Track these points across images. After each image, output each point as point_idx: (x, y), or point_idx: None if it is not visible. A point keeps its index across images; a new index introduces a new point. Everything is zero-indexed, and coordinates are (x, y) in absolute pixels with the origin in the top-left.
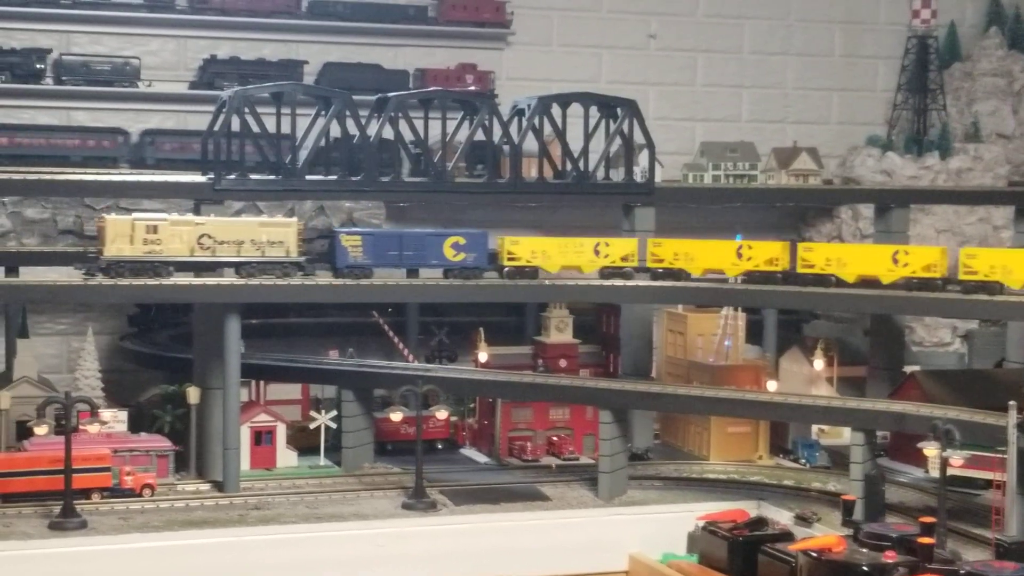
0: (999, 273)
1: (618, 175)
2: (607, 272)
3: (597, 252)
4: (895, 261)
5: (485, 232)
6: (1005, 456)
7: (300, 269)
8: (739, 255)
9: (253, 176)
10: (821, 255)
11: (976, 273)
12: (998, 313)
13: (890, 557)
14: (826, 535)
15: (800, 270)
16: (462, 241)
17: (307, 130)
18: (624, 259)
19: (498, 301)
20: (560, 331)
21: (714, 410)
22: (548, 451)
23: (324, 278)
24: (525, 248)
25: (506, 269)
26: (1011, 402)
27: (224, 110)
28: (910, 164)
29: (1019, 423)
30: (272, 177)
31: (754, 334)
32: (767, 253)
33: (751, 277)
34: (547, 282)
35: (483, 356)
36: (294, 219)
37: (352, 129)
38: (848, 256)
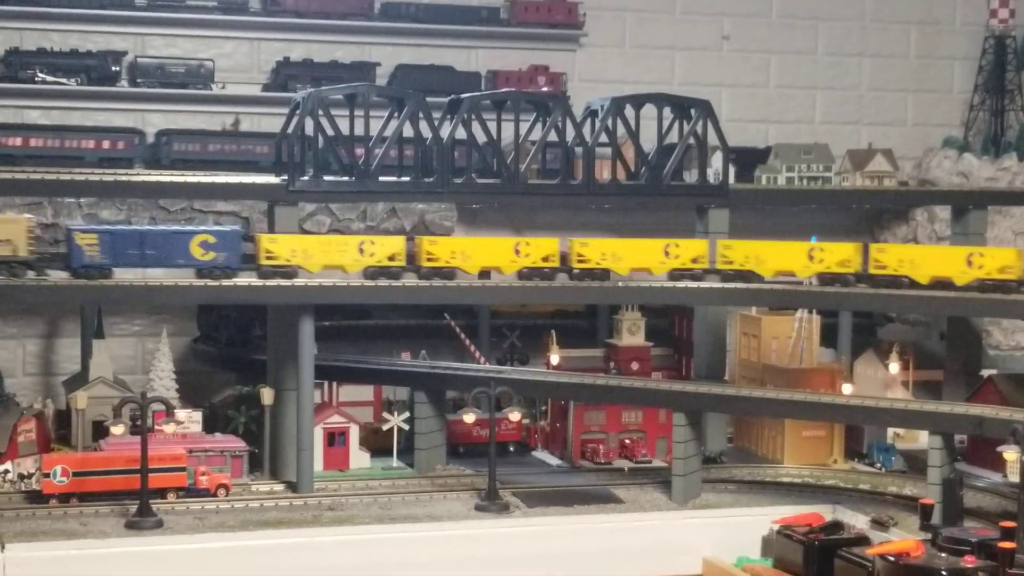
0: None
1: (692, 177)
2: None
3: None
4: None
5: (237, 229)
6: None
7: (30, 268)
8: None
9: (327, 178)
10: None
11: None
12: None
13: (969, 562)
14: (904, 539)
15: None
16: (211, 239)
17: (380, 132)
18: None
19: (566, 303)
20: (632, 334)
21: (788, 413)
22: (621, 454)
23: (400, 280)
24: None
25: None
26: None
27: (298, 112)
28: (987, 165)
29: None
30: (346, 179)
31: (828, 338)
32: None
33: (823, 279)
34: (619, 284)
35: (555, 359)
36: (24, 216)
37: (425, 131)
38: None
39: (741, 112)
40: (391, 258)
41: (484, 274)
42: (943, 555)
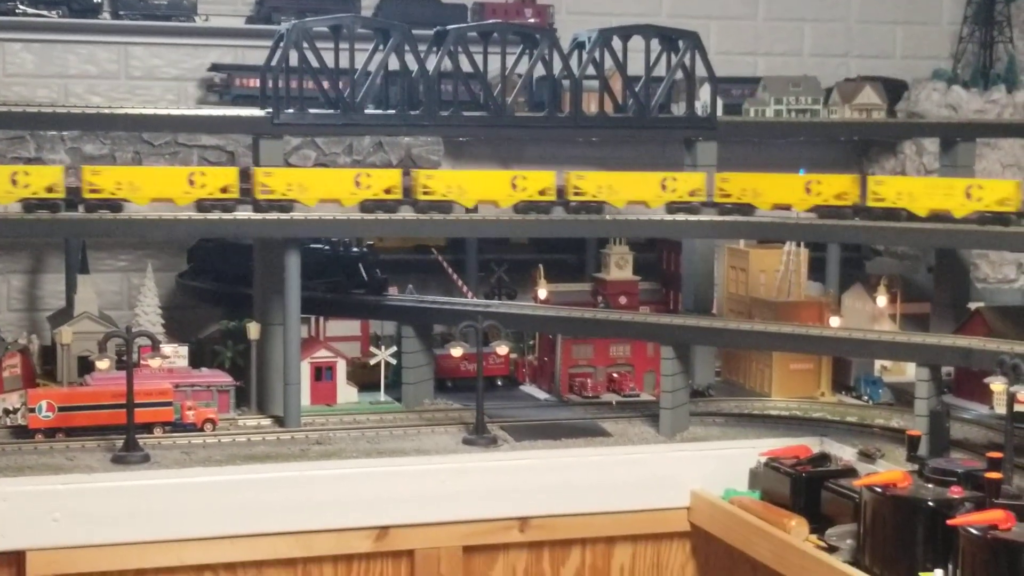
0: None
1: (680, 109)
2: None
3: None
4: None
5: None
6: None
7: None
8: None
9: (312, 111)
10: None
11: None
12: None
13: (956, 492)
14: (890, 471)
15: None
16: None
17: (365, 64)
18: (692, 194)
19: (564, 236)
20: (620, 268)
21: (776, 346)
22: (609, 388)
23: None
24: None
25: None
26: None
27: (282, 44)
28: (976, 98)
29: None
30: (331, 112)
31: (816, 271)
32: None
33: (820, 211)
34: (609, 217)
35: (542, 293)
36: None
37: (411, 63)
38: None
39: (729, 44)
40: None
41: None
42: (929, 486)
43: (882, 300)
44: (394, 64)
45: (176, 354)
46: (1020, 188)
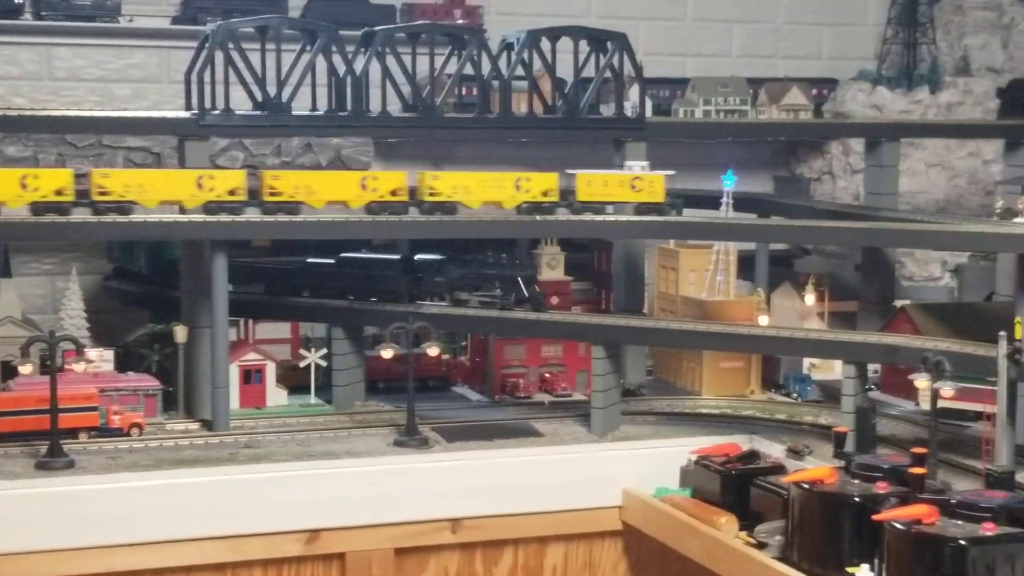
0: None
1: (609, 110)
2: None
3: (518, 187)
4: (517, 187)
5: None
6: (995, 388)
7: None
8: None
9: (239, 112)
10: (448, 183)
11: None
12: (987, 245)
13: (882, 488)
14: (818, 467)
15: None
16: None
17: (292, 65)
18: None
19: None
20: (552, 268)
21: (706, 345)
22: (541, 388)
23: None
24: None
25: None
26: (1001, 333)
27: (207, 45)
28: (900, 98)
29: (1008, 354)
30: (258, 113)
31: (746, 270)
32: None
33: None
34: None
35: None
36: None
37: (339, 64)
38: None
39: (658, 45)
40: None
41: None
42: (856, 481)
43: (810, 298)
44: (322, 65)
45: (101, 358)
46: (559, 179)
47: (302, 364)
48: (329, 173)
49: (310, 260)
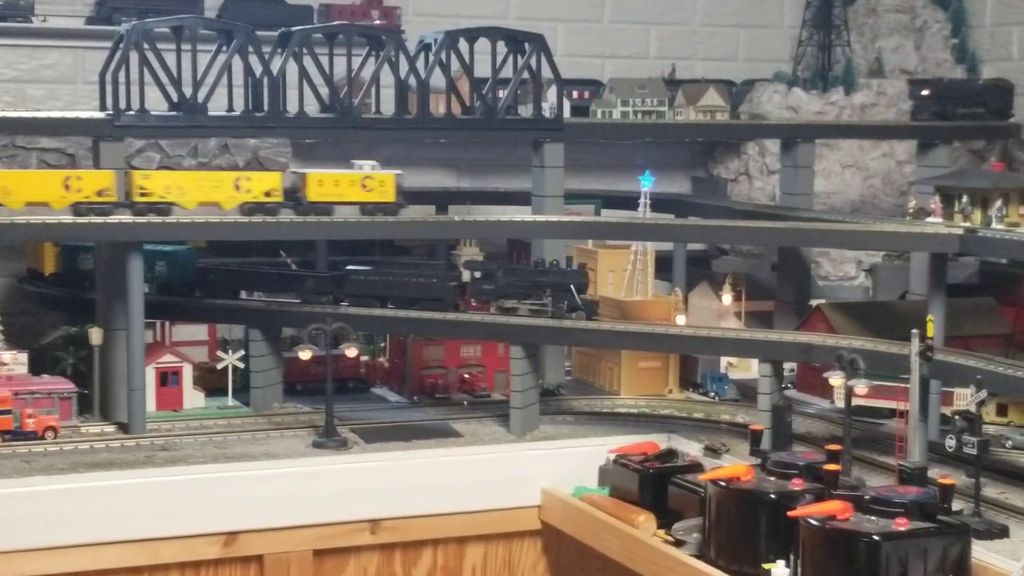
0: None
1: (527, 111)
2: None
3: (238, 187)
4: (237, 187)
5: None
6: (908, 385)
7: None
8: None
9: (154, 112)
10: (160, 183)
11: None
12: (900, 245)
13: (797, 485)
14: (734, 465)
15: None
16: None
17: (208, 65)
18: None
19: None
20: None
21: (623, 344)
22: (460, 388)
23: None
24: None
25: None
26: (913, 331)
27: (122, 45)
28: (815, 100)
29: (920, 352)
30: (173, 114)
31: (664, 270)
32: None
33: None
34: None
35: None
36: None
37: (256, 64)
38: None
39: (576, 47)
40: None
41: None
42: (772, 479)
43: (727, 298)
44: (239, 65)
45: (15, 361)
46: (283, 179)
47: (219, 366)
48: (200, 173)
49: (350, 267)
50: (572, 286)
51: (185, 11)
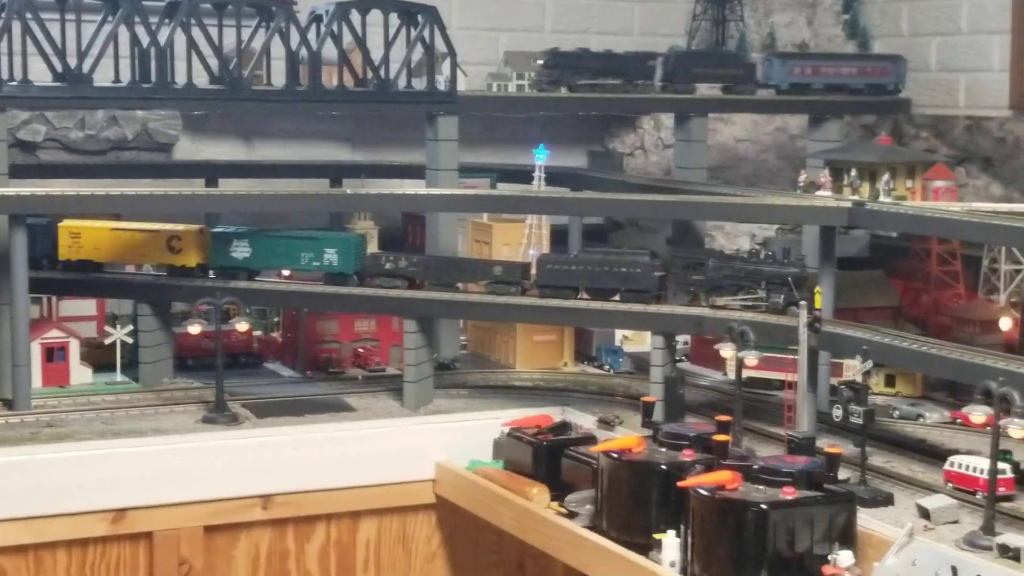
0: None
1: (421, 83)
2: None
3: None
4: None
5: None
6: (797, 356)
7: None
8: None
9: (38, 83)
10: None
11: None
12: (792, 218)
13: (688, 455)
14: (626, 436)
15: None
16: None
17: (93, 35)
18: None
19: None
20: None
21: (516, 317)
22: (354, 363)
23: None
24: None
25: None
26: (801, 302)
27: (3, 14)
28: None
29: (809, 323)
30: (58, 84)
31: (560, 243)
32: None
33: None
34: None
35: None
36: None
37: (143, 35)
38: None
39: (471, 20)
40: None
41: None
42: (663, 450)
43: None
44: (125, 35)
45: None
46: None
47: (107, 341)
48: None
49: (543, 254)
50: (791, 278)
51: None
